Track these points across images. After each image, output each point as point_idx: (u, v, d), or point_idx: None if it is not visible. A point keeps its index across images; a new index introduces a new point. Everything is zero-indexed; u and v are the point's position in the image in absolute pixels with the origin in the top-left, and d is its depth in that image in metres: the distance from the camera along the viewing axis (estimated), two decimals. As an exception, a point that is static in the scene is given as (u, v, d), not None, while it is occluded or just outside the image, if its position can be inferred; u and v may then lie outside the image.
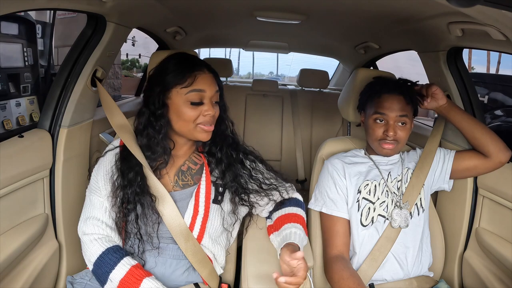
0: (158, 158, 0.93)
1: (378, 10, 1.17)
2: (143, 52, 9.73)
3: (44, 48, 2.20)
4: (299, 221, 0.98)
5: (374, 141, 1.09)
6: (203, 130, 0.90)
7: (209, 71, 0.92)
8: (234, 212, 0.97)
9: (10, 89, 1.56)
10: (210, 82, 0.90)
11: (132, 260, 0.86)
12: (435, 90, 1.10)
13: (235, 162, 0.98)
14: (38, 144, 1.05)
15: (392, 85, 1.10)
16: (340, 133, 2.37)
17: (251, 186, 0.99)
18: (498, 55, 10.53)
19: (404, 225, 1.04)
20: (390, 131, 1.04)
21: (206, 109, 0.88)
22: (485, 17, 0.79)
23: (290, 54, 2.83)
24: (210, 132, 0.92)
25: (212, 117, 0.91)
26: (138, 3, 1.13)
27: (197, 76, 0.88)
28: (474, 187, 1.16)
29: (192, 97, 0.88)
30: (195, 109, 0.88)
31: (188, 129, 0.90)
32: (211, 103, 0.90)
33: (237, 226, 1.02)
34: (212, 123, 0.91)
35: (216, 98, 0.92)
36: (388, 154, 1.09)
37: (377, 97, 1.09)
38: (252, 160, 1.02)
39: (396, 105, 1.05)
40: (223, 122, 0.98)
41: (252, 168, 1.01)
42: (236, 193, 0.96)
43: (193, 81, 0.87)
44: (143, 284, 0.82)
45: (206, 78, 0.90)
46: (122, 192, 0.89)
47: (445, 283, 1.08)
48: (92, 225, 0.89)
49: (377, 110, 1.07)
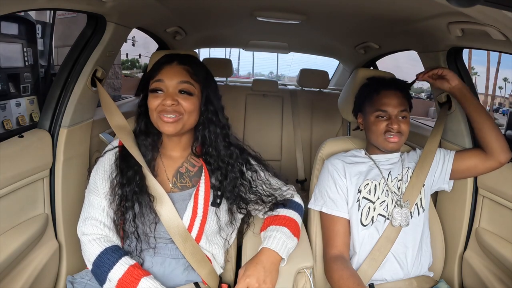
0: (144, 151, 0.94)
1: (378, 10, 1.17)
2: (143, 52, 9.74)
3: (44, 48, 2.19)
4: (286, 223, 0.96)
5: (378, 136, 1.08)
6: (162, 120, 0.89)
7: (180, 64, 0.92)
8: (232, 222, 0.98)
9: (10, 89, 1.56)
10: (173, 73, 0.90)
11: (131, 260, 0.87)
12: (441, 72, 1.11)
13: (233, 173, 0.96)
14: (38, 144, 1.05)
15: (388, 82, 1.13)
16: (340, 133, 2.37)
17: (249, 197, 0.98)
18: (498, 55, 10.55)
19: (404, 224, 1.04)
20: (394, 124, 1.05)
21: (163, 98, 0.89)
22: (485, 17, 0.79)
23: (290, 54, 2.83)
24: (171, 124, 0.88)
25: (172, 108, 0.88)
26: (138, 3, 1.13)
27: (162, 68, 0.91)
28: (474, 187, 1.16)
29: (153, 86, 0.90)
30: (156, 98, 0.89)
31: (153, 119, 0.91)
32: (172, 93, 0.89)
33: (235, 227, 1.02)
34: (173, 114, 0.88)
35: (180, 89, 0.90)
36: (394, 148, 1.09)
37: (376, 95, 1.09)
38: (254, 170, 1.00)
39: (395, 100, 1.07)
40: (211, 124, 0.94)
41: (252, 179, 0.99)
42: (233, 204, 0.95)
43: (158, 72, 0.91)
44: (141, 283, 0.82)
45: (170, 70, 0.91)
46: (120, 190, 0.89)
47: (445, 283, 1.08)
48: (90, 226, 0.89)
49: (378, 107, 1.08)
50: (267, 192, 1.00)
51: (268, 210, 1.01)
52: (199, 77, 0.92)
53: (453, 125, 1.22)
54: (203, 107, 0.93)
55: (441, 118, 1.22)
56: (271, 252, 0.90)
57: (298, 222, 1.00)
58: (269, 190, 1.00)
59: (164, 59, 0.94)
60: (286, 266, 0.94)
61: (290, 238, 0.94)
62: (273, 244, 0.91)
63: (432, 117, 11.24)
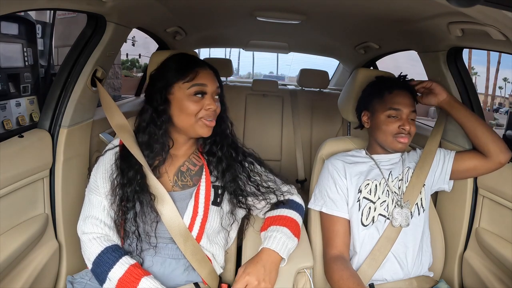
0: (156, 156, 0.93)
1: (378, 10, 1.17)
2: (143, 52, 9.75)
3: (44, 48, 2.19)
4: (287, 224, 0.97)
5: (388, 136, 1.08)
6: (205, 124, 0.91)
7: (210, 68, 0.95)
8: (232, 213, 0.98)
9: (10, 89, 1.56)
10: (211, 78, 0.92)
11: (131, 259, 0.87)
12: (430, 86, 1.13)
13: (235, 162, 0.98)
14: (38, 144, 1.05)
15: (400, 81, 1.14)
16: (340, 133, 2.37)
17: (249, 188, 0.99)
18: (498, 55, 10.56)
19: (405, 224, 1.04)
20: (406, 125, 1.05)
21: (208, 103, 0.90)
22: (485, 17, 0.79)
23: (290, 54, 2.83)
24: (211, 127, 0.92)
25: (214, 111, 0.92)
26: (138, 3, 1.13)
27: (198, 71, 0.91)
28: (474, 187, 1.16)
29: (195, 90, 0.90)
30: (197, 103, 0.90)
31: (190, 123, 0.91)
32: (213, 97, 0.92)
33: (236, 227, 1.03)
34: (213, 118, 0.92)
35: (217, 94, 0.94)
36: (402, 148, 1.09)
37: (388, 93, 1.09)
38: (251, 162, 1.02)
39: (408, 100, 1.08)
40: (223, 121, 0.99)
41: (250, 170, 1.01)
42: (234, 194, 0.96)
43: (195, 76, 0.90)
44: (141, 283, 0.82)
45: (207, 74, 0.92)
46: (121, 191, 0.89)
47: (445, 283, 1.08)
48: (91, 224, 0.89)
49: (391, 106, 1.07)
50: (265, 183, 1.01)
51: (268, 209, 1.02)
52: (220, 80, 0.97)
53: (453, 125, 1.22)
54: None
55: (441, 118, 1.22)
56: (271, 252, 0.91)
57: (299, 222, 1.00)
58: (267, 182, 1.01)
59: (190, 62, 0.93)
60: (286, 266, 0.94)
61: (291, 238, 0.94)
62: (273, 244, 0.91)
63: (432, 117, 11.24)
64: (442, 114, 1.23)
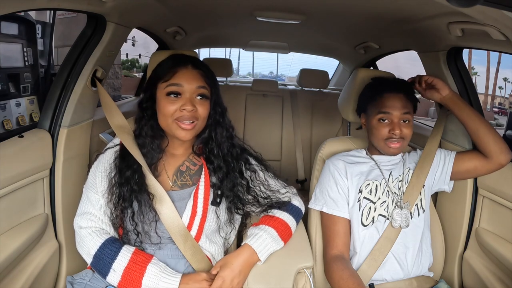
0: (149, 153, 0.93)
1: (378, 10, 1.17)
2: (143, 52, 9.74)
3: (44, 48, 2.19)
4: (277, 226, 0.96)
5: (379, 141, 1.08)
6: (179, 126, 0.88)
7: (195, 68, 0.91)
8: (231, 221, 0.98)
9: (10, 89, 1.56)
10: (191, 77, 0.89)
11: (131, 247, 0.87)
12: (431, 81, 1.12)
13: (233, 172, 0.96)
14: (38, 144, 1.05)
15: (393, 84, 1.12)
16: (340, 133, 2.37)
17: (247, 198, 0.98)
18: (498, 55, 10.56)
19: (404, 225, 1.04)
20: (396, 130, 1.04)
21: (183, 103, 0.87)
22: (485, 17, 0.79)
23: (290, 54, 2.83)
24: (189, 131, 0.89)
25: (191, 114, 0.88)
26: (138, 3, 1.13)
27: (177, 71, 0.89)
28: (474, 187, 1.16)
29: (168, 90, 0.88)
30: (172, 103, 0.88)
31: (167, 124, 0.90)
32: (191, 98, 0.89)
33: (234, 233, 1.03)
34: (191, 120, 0.88)
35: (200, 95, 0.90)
36: (395, 153, 1.09)
37: (379, 97, 1.09)
38: (253, 170, 1.00)
39: (399, 103, 1.06)
40: (218, 126, 0.96)
41: (251, 179, 0.99)
42: (232, 203, 0.96)
43: (172, 75, 0.89)
44: (147, 271, 0.83)
45: (187, 74, 0.89)
46: (118, 190, 0.89)
47: (445, 283, 1.08)
48: (88, 220, 0.90)
49: (381, 109, 1.07)
50: (264, 194, 1.00)
51: (263, 210, 1.01)
52: (210, 80, 0.93)
53: (453, 125, 1.22)
54: (212, 110, 0.94)
55: (441, 118, 1.22)
56: (250, 251, 0.90)
57: (291, 225, 0.99)
58: (266, 191, 1.00)
59: (176, 61, 0.92)
60: (286, 266, 0.94)
61: (276, 241, 0.94)
62: (256, 243, 0.91)
63: (432, 117, 11.24)
64: (442, 114, 1.23)
